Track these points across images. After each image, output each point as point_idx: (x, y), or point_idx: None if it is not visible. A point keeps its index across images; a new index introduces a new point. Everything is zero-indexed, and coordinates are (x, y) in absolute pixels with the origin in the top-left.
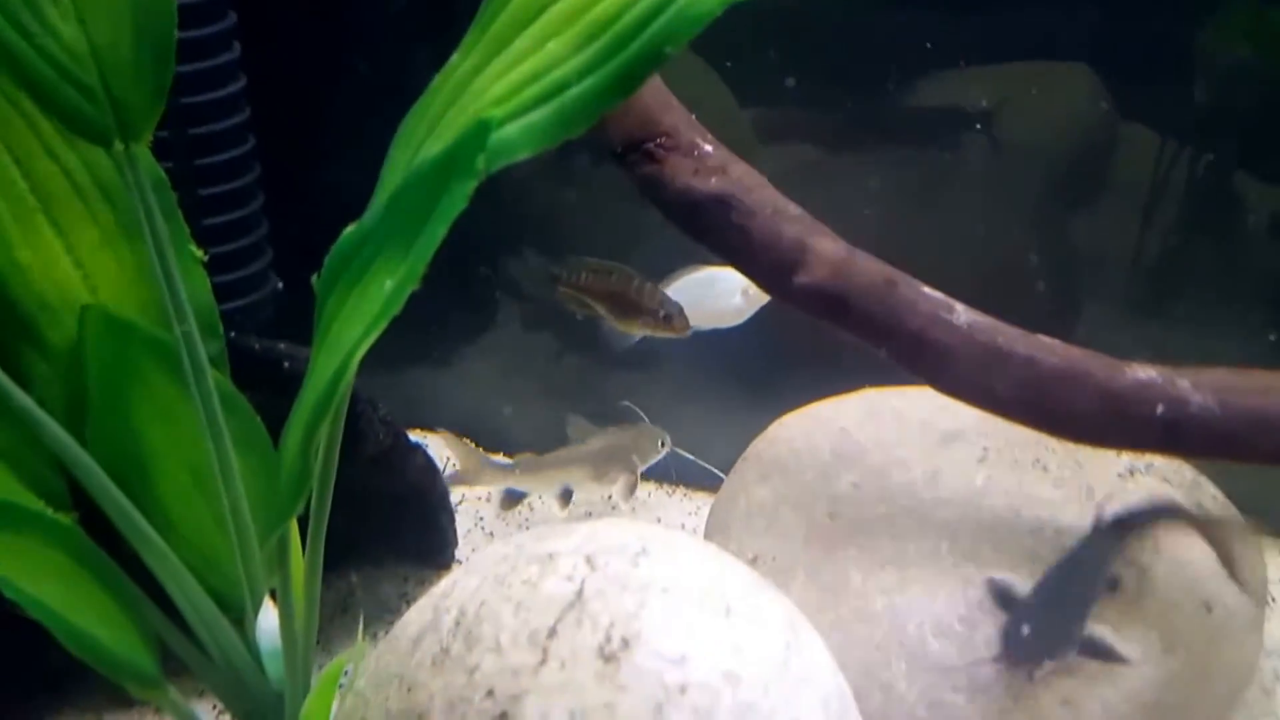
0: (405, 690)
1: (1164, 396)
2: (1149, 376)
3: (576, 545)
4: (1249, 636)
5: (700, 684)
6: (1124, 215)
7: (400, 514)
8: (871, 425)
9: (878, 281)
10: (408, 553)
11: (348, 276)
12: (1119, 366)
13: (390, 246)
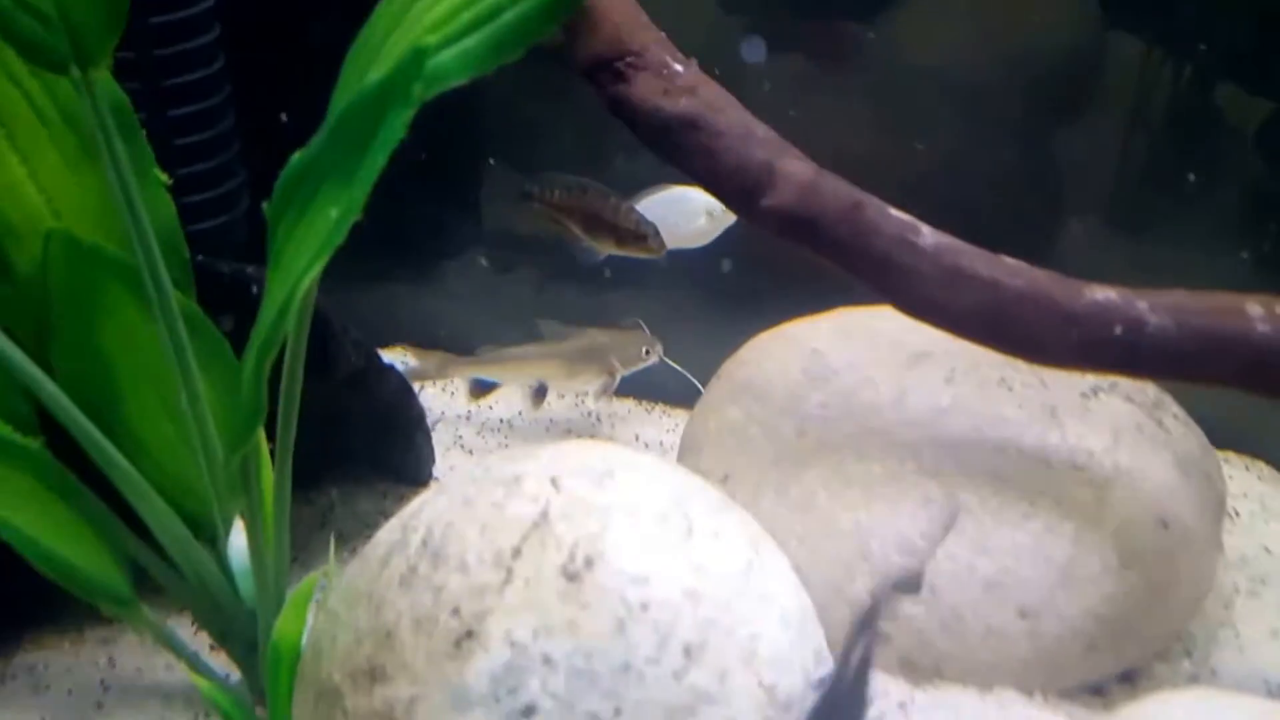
0: (374, 609)
1: (1122, 318)
2: (1107, 298)
3: (542, 468)
4: (1206, 552)
5: (662, 601)
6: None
7: (377, 433)
8: (842, 345)
9: (844, 204)
10: (386, 470)
11: (296, 204)
12: (1079, 288)
13: (334, 174)
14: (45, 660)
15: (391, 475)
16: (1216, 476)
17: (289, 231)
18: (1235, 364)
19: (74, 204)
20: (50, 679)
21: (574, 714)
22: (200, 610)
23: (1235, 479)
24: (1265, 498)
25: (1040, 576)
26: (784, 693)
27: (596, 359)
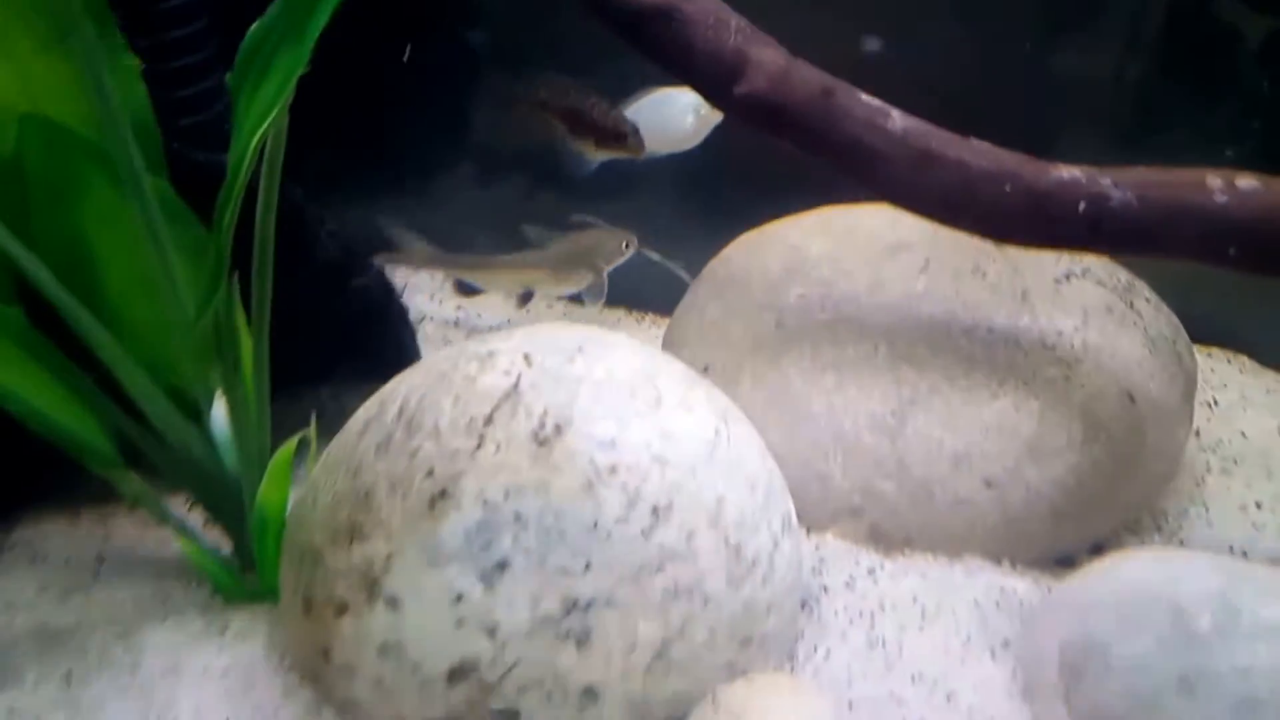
0: (352, 474)
1: (1087, 193)
2: (1073, 175)
3: (515, 345)
4: (1175, 426)
5: (630, 465)
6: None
7: (362, 330)
8: (821, 241)
9: (815, 91)
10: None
11: (254, 70)
12: (1045, 167)
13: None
14: (43, 534)
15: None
16: (1187, 356)
17: (249, 97)
18: (1196, 235)
19: (49, 89)
20: (48, 550)
21: (545, 569)
22: (188, 482)
23: (1217, 371)
24: (1245, 388)
25: (1007, 450)
26: (750, 552)
27: (582, 261)
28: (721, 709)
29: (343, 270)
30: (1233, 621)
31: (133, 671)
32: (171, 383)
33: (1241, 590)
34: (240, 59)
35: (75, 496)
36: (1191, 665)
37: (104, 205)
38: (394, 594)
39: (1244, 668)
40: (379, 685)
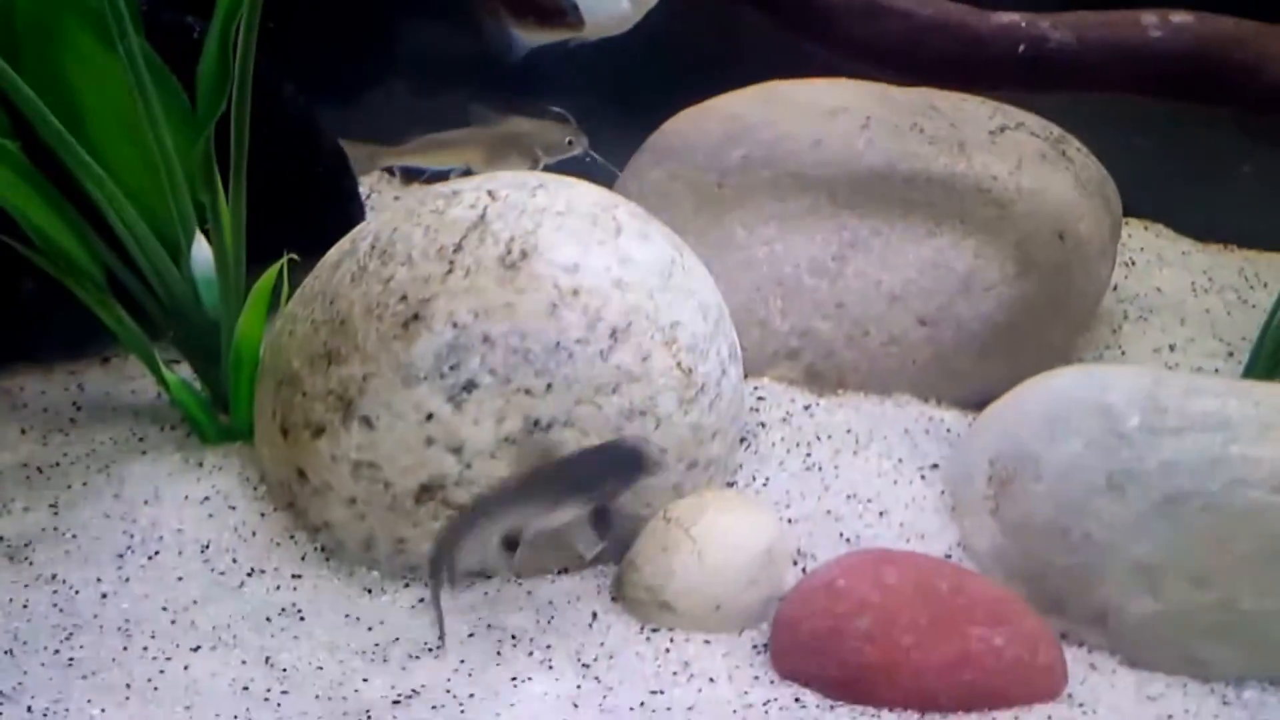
0: (328, 302)
1: (1025, 36)
2: (1012, 20)
3: (479, 184)
4: (1099, 265)
5: (591, 288)
6: None
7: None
8: (763, 108)
9: None
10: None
11: None
12: (985, 14)
13: None
14: (19, 385)
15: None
16: (1114, 200)
17: None
18: (1132, 70)
19: None
20: (26, 399)
21: (509, 388)
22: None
23: (1135, 237)
24: (1162, 250)
25: (942, 287)
26: (700, 376)
27: (520, 145)
28: (673, 523)
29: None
30: (1160, 418)
31: (115, 499)
32: (150, 223)
33: (1169, 388)
34: None
35: (48, 354)
36: (1119, 465)
37: (88, 55)
38: (368, 414)
39: (1170, 462)
40: (352, 505)
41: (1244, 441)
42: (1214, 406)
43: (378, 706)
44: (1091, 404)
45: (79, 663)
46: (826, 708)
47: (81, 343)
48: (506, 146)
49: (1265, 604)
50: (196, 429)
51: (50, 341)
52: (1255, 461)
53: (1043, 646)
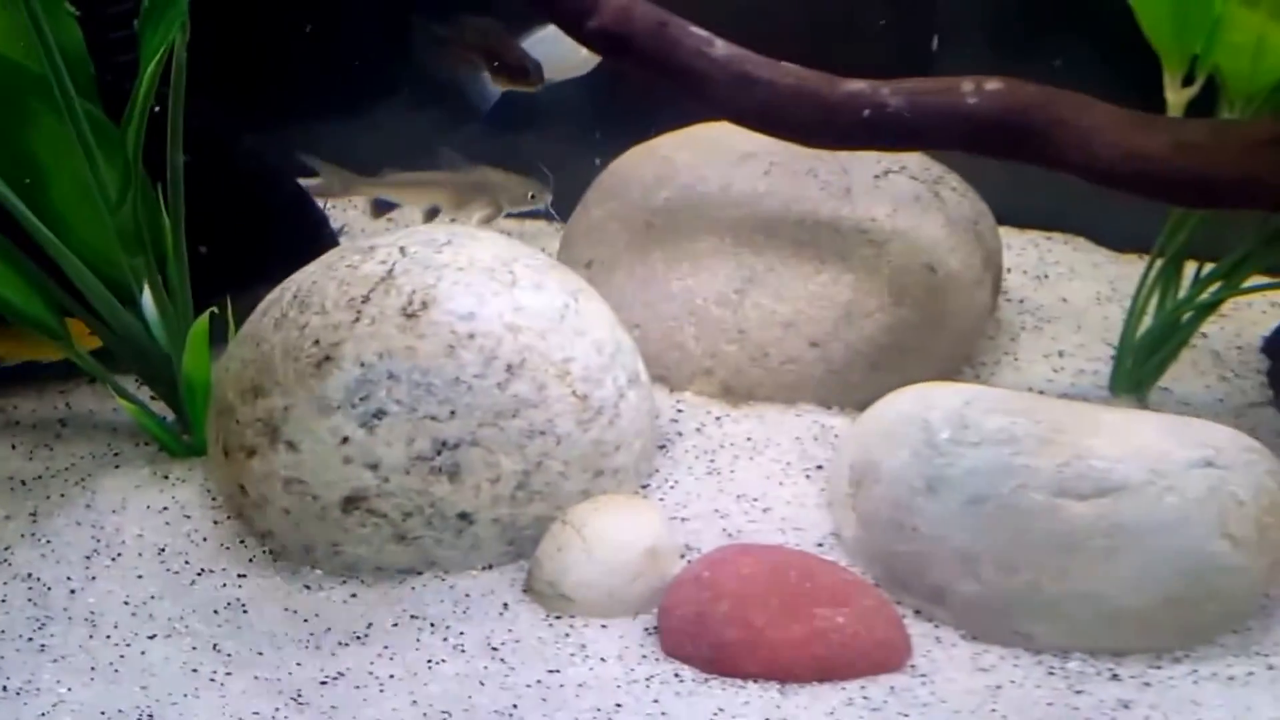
0: (255, 344)
1: (868, 102)
2: (858, 88)
3: (394, 240)
4: (974, 290)
5: (486, 332)
6: None
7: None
8: (687, 152)
9: (652, 24)
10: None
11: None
12: (837, 83)
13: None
14: (13, 404)
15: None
16: (989, 234)
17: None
18: (956, 131)
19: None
20: (19, 416)
21: (415, 415)
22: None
23: (1054, 251)
24: (1075, 263)
25: (827, 315)
26: (596, 400)
27: (485, 194)
28: (569, 524)
29: (259, 183)
30: (964, 433)
31: (87, 509)
32: (109, 274)
33: (974, 408)
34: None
35: (40, 376)
36: (934, 471)
37: (47, 126)
38: (292, 438)
39: (971, 469)
40: (287, 515)
41: (1027, 454)
42: (1005, 424)
43: (308, 686)
44: (916, 419)
45: (50, 649)
46: (701, 681)
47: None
48: (473, 193)
49: (1064, 587)
50: (165, 447)
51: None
52: (1035, 470)
53: (880, 623)
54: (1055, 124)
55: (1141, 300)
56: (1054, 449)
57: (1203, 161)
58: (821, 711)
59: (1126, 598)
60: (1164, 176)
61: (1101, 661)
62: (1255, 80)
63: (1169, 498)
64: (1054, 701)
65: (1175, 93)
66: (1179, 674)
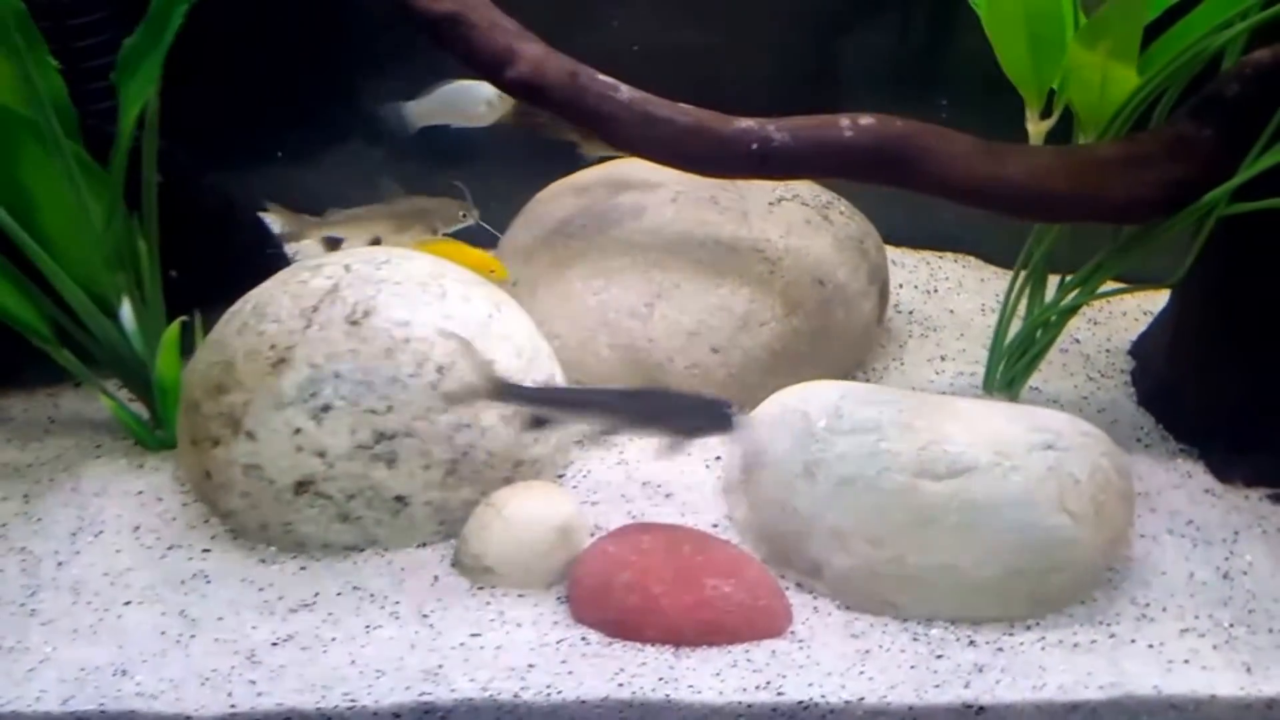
0: (220, 349)
1: (756, 137)
2: (747, 125)
3: (339, 259)
4: (860, 301)
5: (420, 338)
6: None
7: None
8: (604, 185)
9: (564, 73)
10: None
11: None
12: (729, 120)
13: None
14: (7, 403)
15: None
16: (874, 251)
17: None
18: (834, 161)
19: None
20: (11, 415)
21: (358, 409)
22: (109, 362)
23: (944, 268)
24: (964, 279)
25: (726, 324)
26: None
27: (422, 219)
28: (492, 504)
29: (222, 214)
30: (838, 422)
31: (73, 492)
32: (92, 289)
33: (848, 400)
34: (119, 66)
35: (31, 379)
36: (811, 456)
37: (37, 161)
38: (251, 429)
39: (843, 454)
40: (246, 497)
41: (890, 439)
42: (872, 414)
43: (261, 647)
44: (798, 411)
45: (39, 613)
46: (605, 644)
47: (61, 372)
48: (410, 220)
49: (925, 560)
50: (140, 441)
51: (34, 369)
52: (896, 454)
53: (763, 592)
54: (923, 151)
55: (1010, 307)
56: (913, 435)
57: (1051, 182)
58: (709, 672)
59: (979, 570)
60: (1018, 196)
61: (961, 629)
62: (1102, 110)
63: (1014, 476)
64: (916, 665)
65: (1035, 124)
66: (1029, 640)
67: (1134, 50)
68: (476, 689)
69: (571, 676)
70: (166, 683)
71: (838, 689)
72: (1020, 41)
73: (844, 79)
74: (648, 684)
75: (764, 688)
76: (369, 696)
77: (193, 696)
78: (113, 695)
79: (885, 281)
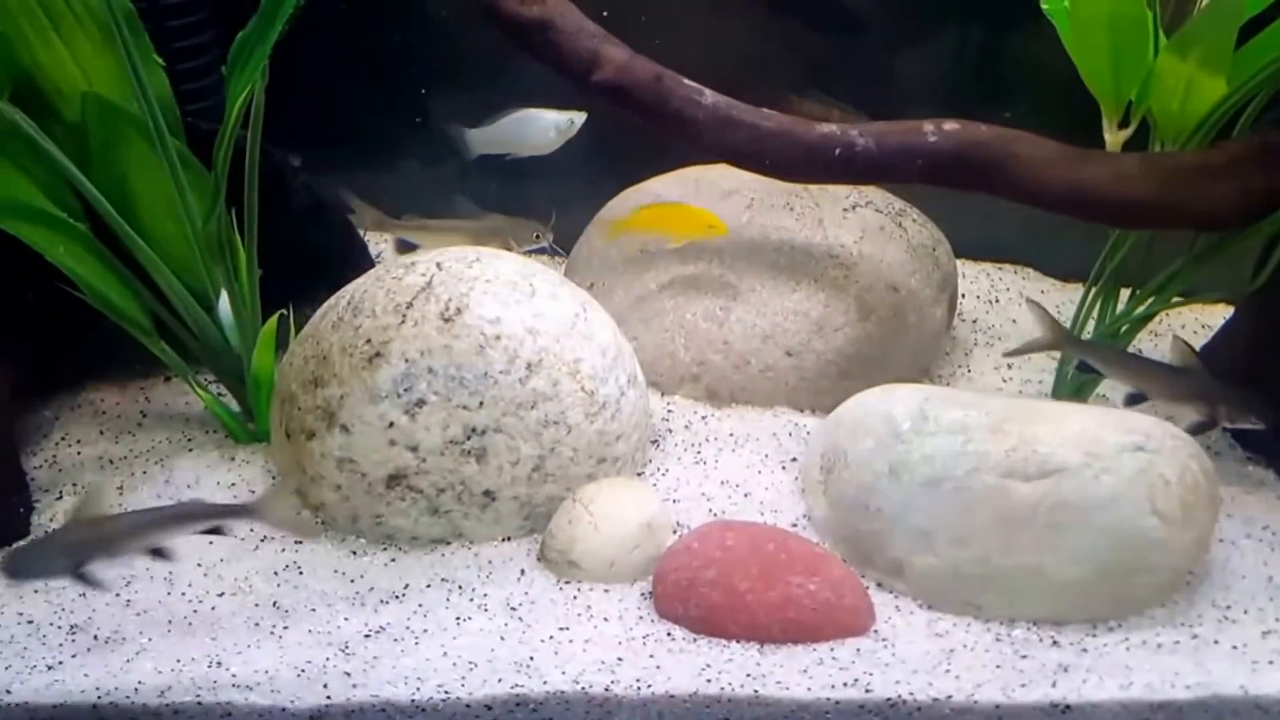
0: (315, 343)
1: (840, 143)
2: (830, 130)
3: (431, 256)
4: (932, 308)
5: (510, 334)
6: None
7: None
8: (676, 189)
9: (649, 76)
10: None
11: (239, 62)
12: (811, 126)
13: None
14: (101, 396)
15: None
16: (945, 259)
17: (235, 79)
18: (918, 166)
19: (101, 75)
20: (105, 408)
21: (450, 404)
22: (204, 354)
23: (1004, 279)
24: (1024, 289)
25: (801, 328)
26: (601, 396)
27: (497, 237)
28: (579, 501)
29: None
30: (924, 424)
31: (166, 484)
32: (188, 282)
33: (933, 402)
34: (230, 57)
35: (123, 374)
36: (895, 456)
37: (139, 155)
38: (346, 423)
39: (928, 455)
40: (338, 490)
41: (978, 440)
42: (959, 415)
43: (354, 639)
44: (881, 413)
45: (134, 603)
46: (690, 640)
47: (152, 366)
48: (487, 237)
49: (1010, 560)
50: (232, 434)
51: (126, 364)
52: (985, 455)
53: (848, 591)
54: (1010, 157)
55: (1083, 316)
56: (1001, 436)
57: (1136, 188)
58: (796, 669)
59: (1067, 570)
60: (1104, 202)
61: (1044, 629)
62: (1183, 120)
63: (1104, 478)
64: (1001, 664)
65: (1112, 134)
66: (1113, 641)
67: (1225, 60)
68: (568, 681)
69: (660, 671)
70: (262, 674)
71: (925, 687)
72: (1102, 50)
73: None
74: (735, 680)
75: (852, 685)
76: (462, 688)
77: (288, 688)
78: (209, 687)
79: (955, 290)
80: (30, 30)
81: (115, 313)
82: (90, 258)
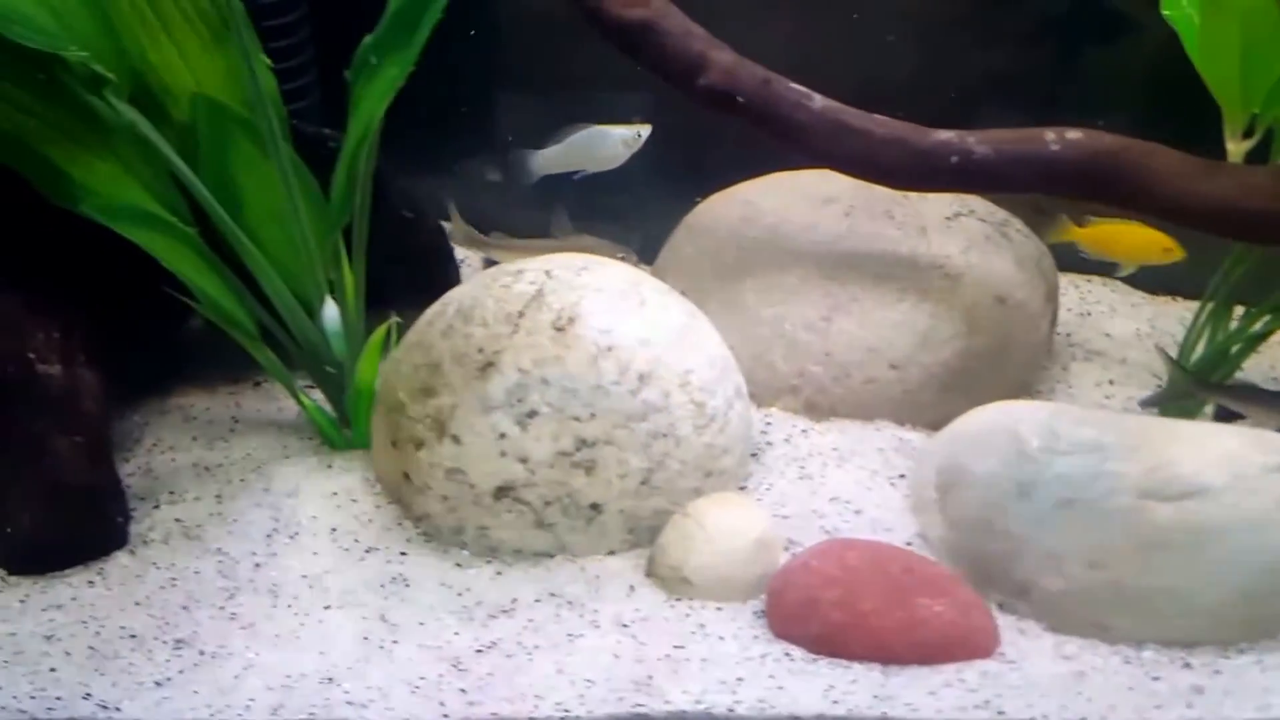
0: (425, 351)
1: (957, 150)
2: (947, 137)
3: (539, 264)
4: (1038, 322)
5: (622, 345)
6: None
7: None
8: (770, 197)
9: (757, 80)
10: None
11: (367, 69)
12: (926, 132)
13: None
14: (191, 402)
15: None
16: (1049, 271)
17: (363, 87)
18: (1038, 174)
19: (210, 76)
20: (196, 414)
21: (563, 415)
22: (305, 360)
23: (1094, 292)
24: (1115, 304)
25: (906, 340)
26: (710, 409)
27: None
28: (689, 518)
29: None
30: (1055, 441)
31: (265, 492)
32: (294, 288)
33: (1062, 419)
34: (355, 62)
35: (212, 379)
36: (1025, 476)
37: (248, 158)
38: (456, 433)
39: (1062, 475)
40: (445, 501)
41: (1114, 460)
42: (1094, 434)
43: (465, 654)
44: (1006, 430)
45: (239, 616)
46: (810, 660)
47: (240, 370)
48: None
49: (1144, 582)
50: (327, 440)
51: (216, 369)
52: (1122, 475)
53: (974, 613)
54: (1135, 168)
55: (1197, 331)
56: (1140, 456)
57: (1266, 201)
58: (923, 691)
59: (1204, 593)
60: (1230, 215)
61: (1173, 652)
62: None
63: (1250, 500)
64: (1134, 687)
65: (1236, 143)
66: (1245, 663)
67: None
68: (690, 701)
69: (783, 692)
70: (375, 691)
71: (1058, 709)
72: (1232, 58)
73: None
74: (862, 701)
75: (982, 707)
76: (581, 706)
77: (403, 705)
78: (321, 703)
79: (1057, 303)
80: (140, 30)
81: (223, 317)
82: (200, 263)
